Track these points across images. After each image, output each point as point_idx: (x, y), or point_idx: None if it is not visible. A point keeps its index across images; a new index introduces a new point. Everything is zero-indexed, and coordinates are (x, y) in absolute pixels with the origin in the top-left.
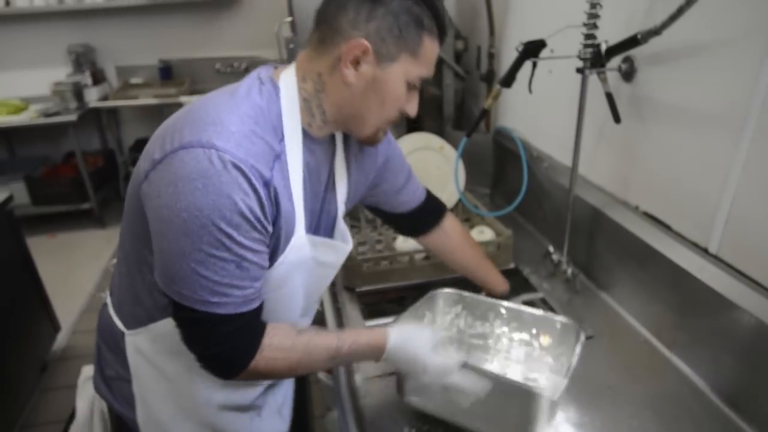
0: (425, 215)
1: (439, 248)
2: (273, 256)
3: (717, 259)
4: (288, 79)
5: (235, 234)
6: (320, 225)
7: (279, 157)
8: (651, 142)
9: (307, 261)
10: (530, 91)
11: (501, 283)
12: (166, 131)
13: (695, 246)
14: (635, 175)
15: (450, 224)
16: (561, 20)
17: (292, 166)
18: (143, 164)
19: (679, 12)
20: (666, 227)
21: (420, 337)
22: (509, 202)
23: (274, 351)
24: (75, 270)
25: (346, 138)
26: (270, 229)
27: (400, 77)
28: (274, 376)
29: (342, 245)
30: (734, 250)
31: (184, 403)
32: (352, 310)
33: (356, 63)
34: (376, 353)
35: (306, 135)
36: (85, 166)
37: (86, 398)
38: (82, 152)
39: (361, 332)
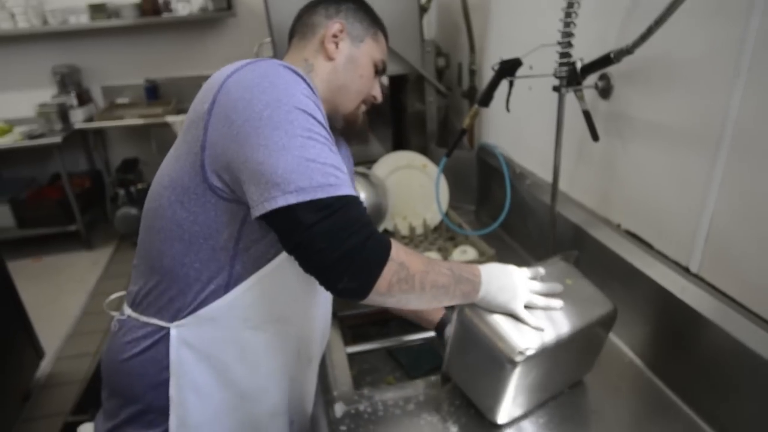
0: None
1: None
2: None
3: (698, 279)
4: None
5: (316, 117)
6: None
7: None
8: (630, 160)
9: None
10: (507, 110)
11: (440, 312)
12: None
13: (677, 265)
14: (616, 193)
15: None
16: (539, 37)
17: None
18: (199, 114)
19: (649, 32)
20: (648, 246)
21: (506, 265)
22: (494, 219)
23: (402, 246)
24: (60, 294)
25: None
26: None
27: (369, 56)
28: (413, 271)
29: None
30: (715, 270)
31: (232, 398)
32: (333, 336)
33: (336, 42)
34: (475, 275)
35: None
36: (71, 187)
37: None
38: (68, 173)
39: (454, 262)
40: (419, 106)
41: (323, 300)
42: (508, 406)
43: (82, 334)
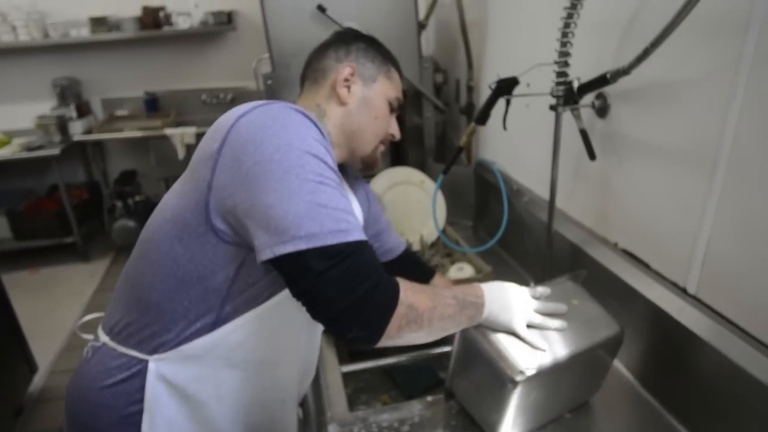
0: (410, 268)
1: None
2: None
3: (696, 300)
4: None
5: (326, 161)
6: None
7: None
8: (627, 179)
9: None
10: (504, 128)
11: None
12: (219, 124)
13: (674, 285)
14: (613, 212)
15: (440, 282)
16: (536, 54)
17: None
18: (208, 153)
19: (645, 53)
20: (645, 265)
21: (507, 285)
22: (492, 235)
23: (408, 284)
24: (56, 307)
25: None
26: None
27: (383, 96)
28: (421, 311)
29: None
30: (712, 291)
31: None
32: (328, 354)
33: (347, 85)
34: (479, 297)
35: None
36: (68, 199)
37: None
38: (66, 185)
39: (457, 287)
40: (417, 121)
41: (308, 344)
42: (510, 426)
43: (77, 348)
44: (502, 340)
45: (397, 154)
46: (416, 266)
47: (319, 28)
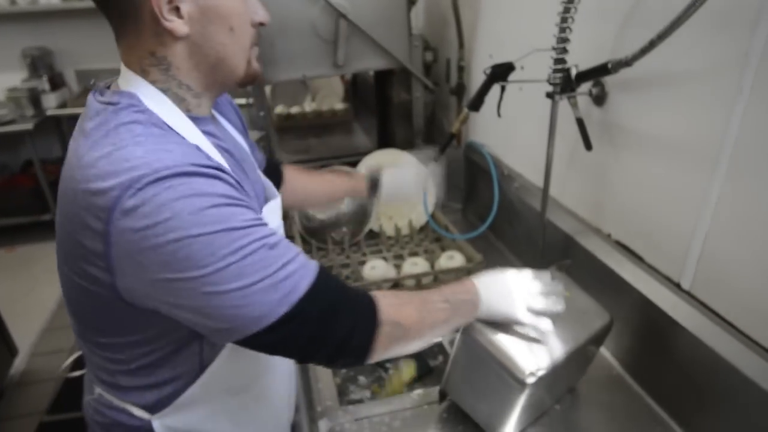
0: (271, 171)
1: (301, 188)
2: None
3: (689, 296)
4: (133, 82)
5: (236, 224)
6: (258, 195)
7: (199, 149)
8: (623, 170)
9: None
10: (499, 115)
11: (361, 177)
12: (74, 212)
13: (668, 280)
14: (607, 202)
15: (288, 167)
16: (531, 35)
17: (212, 153)
18: (90, 251)
19: (651, 45)
20: (638, 258)
21: (504, 273)
22: (482, 219)
23: (390, 299)
24: (35, 286)
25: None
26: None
27: None
28: (408, 325)
29: (272, 202)
30: (707, 288)
31: None
32: None
33: (175, 10)
34: (472, 293)
35: (194, 120)
36: (44, 175)
37: None
38: (41, 161)
39: (448, 287)
40: (405, 97)
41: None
42: (513, 425)
43: (59, 329)
44: (506, 341)
45: (384, 131)
46: (273, 168)
47: (304, 4)
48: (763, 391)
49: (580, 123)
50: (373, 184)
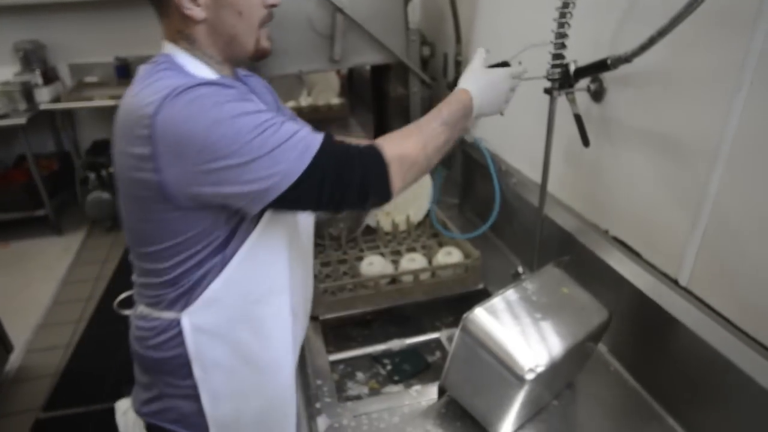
0: None
1: None
2: None
3: (687, 292)
4: (169, 49)
5: (250, 108)
6: None
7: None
8: (621, 166)
9: None
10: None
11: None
12: (126, 124)
13: (666, 277)
14: (605, 198)
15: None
16: (529, 30)
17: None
18: (137, 157)
19: (651, 42)
20: (636, 255)
21: (493, 76)
22: (478, 214)
23: (392, 139)
24: (30, 282)
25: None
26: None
27: None
28: (414, 154)
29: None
30: (705, 285)
31: (253, 374)
32: (315, 341)
33: (193, 0)
34: (467, 107)
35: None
36: (37, 170)
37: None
38: (34, 155)
39: (443, 103)
40: (401, 91)
41: (306, 271)
42: (512, 421)
43: (53, 325)
44: (504, 338)
45: (380, 125)
46: None
47: None
48: (759, 387)
49: (578, 119)
50: None
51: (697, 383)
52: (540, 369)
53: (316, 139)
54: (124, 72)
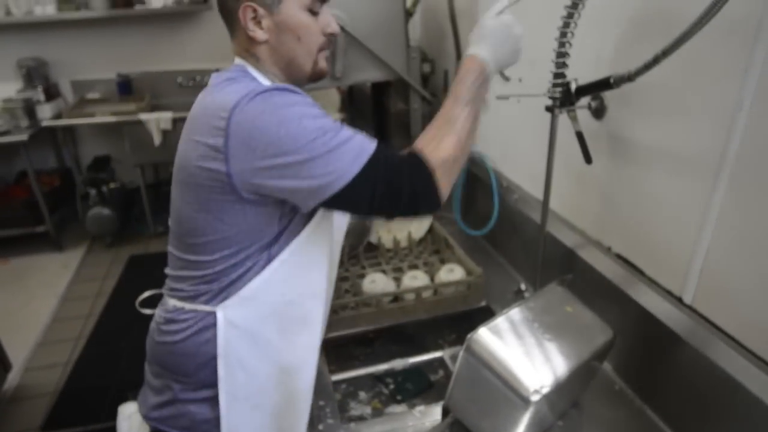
0: None
1: None
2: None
3: (692, 310)
4: (240, 63)
5: (316, 112)
6: None
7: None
8: (623, 183)
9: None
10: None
11: None
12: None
13: (670, 294)
14: (607, 215)
15: None
16: (529, 47)
17: None
18: (211, 146)
19: (655, 61)
20: (639, 272)
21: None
22: (479, 229)
23: (429, 142)
24: (30, 299)
25: None
26: None
27: (296, 10)
28: (455, 152)
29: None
30: (709, 302)
31: (276, 372)
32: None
33: (258, 23)
34: (484, 73)
35: None
36: (38, 186)
37: None
38: (36, 171)
39: (459, 82)
40: (402, 107)
41: (334, 280)
42: None
43: (53, 343)
44: (509, 359)
45: (381, 140)
46: None
47: None
48: (766, 406)
49: (580, 137)
50: None
51: (704, 402)
52: (545, 390)
53: (370, 145)
54: (126, 88)
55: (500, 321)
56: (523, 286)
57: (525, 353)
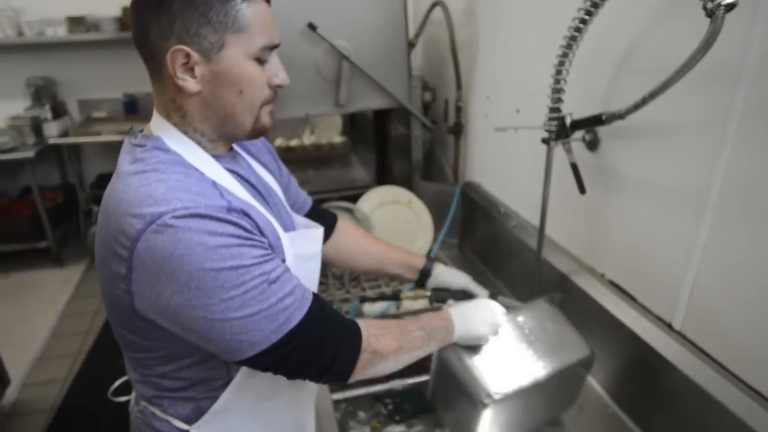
0: (318, 219)
1: (348, 249)
2: None
3: (681, 336)
4: (160, 125)
5: (243, 261)
6: (284, 224)
7: (215, 184)
8: (616, 212)
9: (292, 260)
10: None
11: (419, 258)
12: (108, 240)
13: (660, 320)
14: (601, 243)
15: (346, 225)
16: (527, 80)
17: (230, 185)
18: (114, 273)
19: (643, 102)
20: (631, 298)
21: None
22: (478, 253)
23: (374, 329)
24: (29, 314)
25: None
26: (264, 239)
27: (240, 58)
28: (386, 354)
29: (314, 230)
30: (697, 328)
31: None
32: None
33: (189, 70)
34: (447, 321)
35: (215, 157)
36: (42, 202)
37: None
38: (40, 187)
39: (425, 315)
40: (403, 131)
41: None
42: None
43: (51, 359)
44: (476, 361)
45: (383, 167)
46: (322, 217)
47: (308, 46)
48: (751, 430)
49: (574, 167)
50: (424, 275)
51: (692, 425)
52: (498, 396)
53: (302, 307)
54: (131, 108)
55: None
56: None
57: (493, 359)
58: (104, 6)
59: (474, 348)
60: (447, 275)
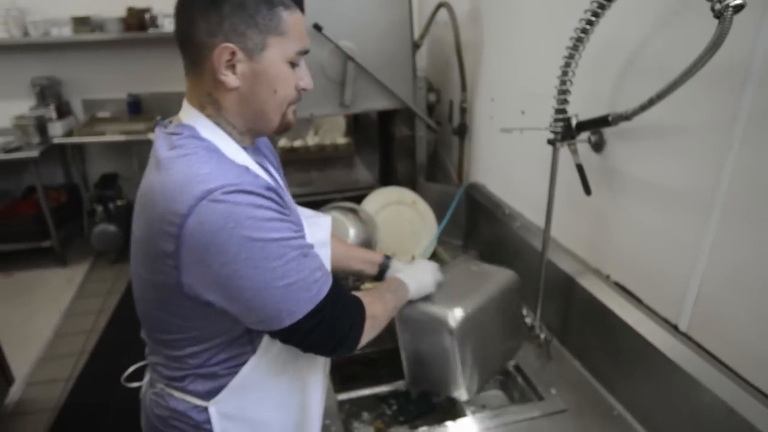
0: None
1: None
2: None
3: (687, 338)
4: (192, 116)
5: (284, 234)
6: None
7: (248, 169)
8: (621, 213)
9: None
10: None
11: (378, 255)
12: (152, 222)
13: (666, 322)
14: (606, 244)
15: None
16: (532, 80)
17: (259, 172)
18: (161, 251)
19: (650, 103)
20: (637, 300)
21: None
22: (482, 254)
23: (367, 298)
24: (33, 314)
25: None
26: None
27: (278, 60)
28: (380, 319)
29: (323, 218)
30: (703, 330)
31: None
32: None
33: (231, 67)
34: (403, 285)
35: (243, 149)
36: (46, 202)
37: None
38: (44, 187)
39: (383, 283)
40: (407, 132)
41: None
42: (465, 379)
43: (55, 358)
44: (432, 304)
45: (386, 166)
46: None
47: (314, 47)
48: (757, 430)
49: (580, 169)
50: (382, 270)
51: (699, 428)
52: (460, 314)
53: (328, 281)
54: (136, 108)
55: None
56: (524, 311)
57: (443, 299)
58: (109, 6)
59: (425, 298)
60: (402, 267)
